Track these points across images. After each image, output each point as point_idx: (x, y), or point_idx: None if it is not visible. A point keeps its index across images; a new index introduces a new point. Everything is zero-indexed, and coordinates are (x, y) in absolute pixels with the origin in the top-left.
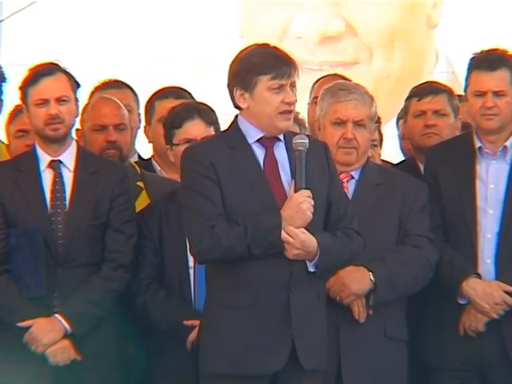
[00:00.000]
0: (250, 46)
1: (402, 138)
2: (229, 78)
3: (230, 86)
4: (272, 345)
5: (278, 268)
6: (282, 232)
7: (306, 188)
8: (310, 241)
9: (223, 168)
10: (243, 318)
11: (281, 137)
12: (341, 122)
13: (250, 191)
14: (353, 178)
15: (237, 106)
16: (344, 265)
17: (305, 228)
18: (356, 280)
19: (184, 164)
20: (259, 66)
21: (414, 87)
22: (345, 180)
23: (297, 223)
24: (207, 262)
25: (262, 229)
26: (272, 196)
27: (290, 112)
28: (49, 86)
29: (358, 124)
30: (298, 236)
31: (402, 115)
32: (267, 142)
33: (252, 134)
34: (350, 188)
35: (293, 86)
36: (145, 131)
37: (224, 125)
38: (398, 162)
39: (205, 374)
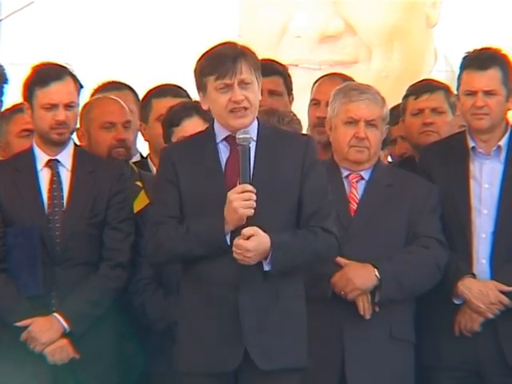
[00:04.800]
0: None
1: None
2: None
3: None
4: (225, 345)
5: (226, 268)
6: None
7: (250, 184)
8: (261, 244)
9: (184, 168)
10: (199, 318)
11: (254, 135)
12: (353, 122)
13: (207, 190)
14: (362, 178)
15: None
16: (307, 263)
17: (258, 226)
18: (361, 275)
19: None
20: (205, 67)
21: (411, 85)
22: (354, 180)
23: (232, 222)
24: (155, 265)
25: (204, 229)
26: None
27: (240, 109)
28: (59, 91)
29: (370, 124)
30: (243, 247)
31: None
32: (233, 140)
33: (220, 133)
34: (359, 188)
35: (243, 83)
36: (140, 129)
37: None
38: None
39: (177, 372)
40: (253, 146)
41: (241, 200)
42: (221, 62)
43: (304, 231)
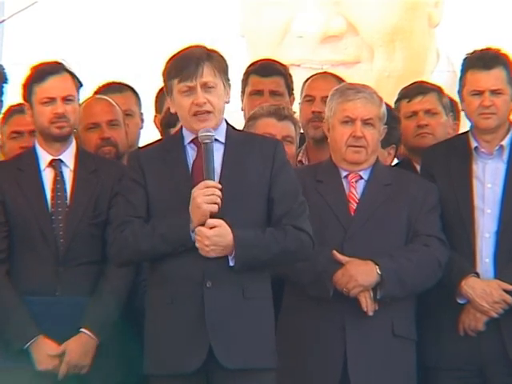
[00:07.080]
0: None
1: None
2: None
3: None
4: (190, 343)
5: (192, 264)
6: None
7: (218, 181)
8: (222, 236)
9: (152, 171)
10: (165, 317)
11: (219, 138)
12: (349, 121)
13: (174, 192)
14: (362, 178)
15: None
16: (275, 261)
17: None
18: (363, 272)
19: None
20: (170, 70)
21: (403, 88)
22: (353, 180)
23: (196, 218)
24: (120, 265)
25: (168, 226)
26: None
27: (202, 113)
28: (56, 85)
29: (366, 122)
30: (202, 233)
31: None
32: (199, 142)
33: (187, 136)
34: (358, 188)
35: (206, 86)
36: (155, 121)
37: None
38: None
39: (146, 375)
40: (221, 148)
41: (203, 195)
42: (184, 64)
43: (273, 229)
